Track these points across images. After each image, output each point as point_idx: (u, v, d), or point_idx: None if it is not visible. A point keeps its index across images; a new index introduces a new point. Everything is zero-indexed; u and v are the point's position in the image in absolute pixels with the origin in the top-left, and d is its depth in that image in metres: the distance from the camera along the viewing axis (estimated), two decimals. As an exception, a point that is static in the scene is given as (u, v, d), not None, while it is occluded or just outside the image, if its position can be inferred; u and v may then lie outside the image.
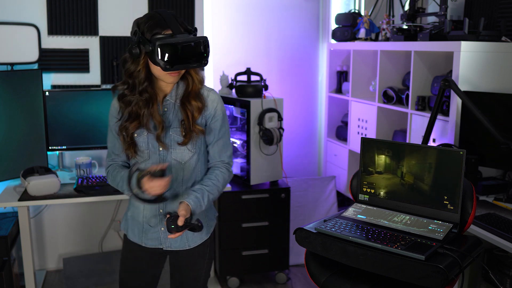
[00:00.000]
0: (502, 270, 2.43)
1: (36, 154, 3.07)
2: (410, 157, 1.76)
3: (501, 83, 2.57)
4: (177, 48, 1.66)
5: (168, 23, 1.69)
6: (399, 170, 1.79)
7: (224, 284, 3.33)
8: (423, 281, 1.44)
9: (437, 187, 1.71)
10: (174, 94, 1.83)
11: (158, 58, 1.65)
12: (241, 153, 3.36)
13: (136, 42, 1.69)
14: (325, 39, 3.93)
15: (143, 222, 1.91)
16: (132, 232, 1.94)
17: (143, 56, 1.71)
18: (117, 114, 1.84)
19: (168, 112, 1.83)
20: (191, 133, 1.80)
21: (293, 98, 3.95)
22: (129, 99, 1.78)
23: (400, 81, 3.24)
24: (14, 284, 2.90)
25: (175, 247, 1.92)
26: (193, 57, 1.70)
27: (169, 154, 1.84)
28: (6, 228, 2.91)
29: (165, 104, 1.83)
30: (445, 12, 2.83)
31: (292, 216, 3.52)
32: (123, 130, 1.81)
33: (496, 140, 2.29)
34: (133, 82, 1.76)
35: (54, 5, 3.20)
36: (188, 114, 1.80)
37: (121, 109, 1.81)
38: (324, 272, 1.69)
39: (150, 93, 1.77)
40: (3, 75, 2.91)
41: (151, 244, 1.93)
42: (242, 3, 3.74)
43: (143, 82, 1.75)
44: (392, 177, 1.81)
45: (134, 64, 1.74)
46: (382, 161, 1.82)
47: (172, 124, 1.83)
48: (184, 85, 1.83)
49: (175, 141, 1.82)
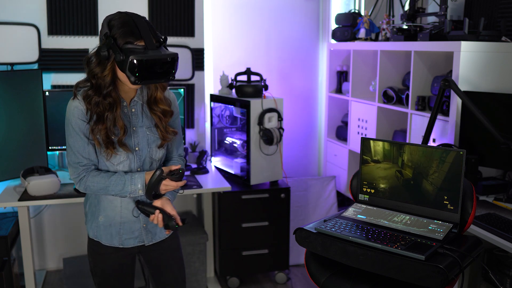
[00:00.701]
0: (502, 270, 2.43)
1: (36, 154, 3.07)
2: (410, 157, 1.76)
3: (501, 83, 2.57)
4: (149, 64, 1.66)
5: (143, 35, 1.67)
6: (399, 170, 1.79)
7: (224, 284, 3.33)
8: (423, 281, 1.44)
9: (437, 187, 1.71)
10: (140, 96, 1.86)
11: (127, 71, 1.65)
12: (241, 153, 3.35)
13: (107, 46, 1.67)
14: (325, 39, 3.93)
15: (121, 222, 1.88)
16: (109, 236, 1.89)
17: (111, 61, 1.69)
18: (84, 116, 1.76)
19: (137, 112, 1.84)
20: (167, 134, 1.86)
21: (293, 98, 3.95)
22: (95, 100, 1.74)
23: (400, 81, 3.24)
24: (14, 284, 2.90)
25: (155, 239, 1.95)
26: (163, 73, 1.71)
27: (145, 152, 1.86)
28: (6, 228, 2.91)
29: (133, 105, 1.84)
30: (445, 12, 2.83)
31: (292, 216, 3.52)
32: (96, 133, 1.76)
33: (496, 140, 2.29)
34: (96, 83, 1.73)
35: (54, 5, 3.20)
36: (159, 116, 1.84)
37: (88, 110, 1.76)
38: (324, 272, 1.69)
39: (114, 97, 1.75)
40: (3, 75, 2.91)
41: (130, 244, 1.91)
42: (242, 3, 3.74)
43: (108, 86, 1.72)
44: (393, 177, 1.81)
45: (100, 66, 1.71)
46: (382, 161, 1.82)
47: (145, 124, 1.85)
48: (148, 91, 1.85)
49: (153, 140, 1.86)
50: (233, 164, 3.37)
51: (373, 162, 1.84)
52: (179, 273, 2.05)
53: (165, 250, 1.99)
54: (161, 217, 1.81)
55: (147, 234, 1.92)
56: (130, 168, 1.84)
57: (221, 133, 3.57)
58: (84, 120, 1.76)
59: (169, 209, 1.84)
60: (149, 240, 1.93)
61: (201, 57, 3.55)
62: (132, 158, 1.83)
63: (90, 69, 1.73)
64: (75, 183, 1.83)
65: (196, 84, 3.56)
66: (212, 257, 3.37)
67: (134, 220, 1.89)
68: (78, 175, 1.80)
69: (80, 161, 1.79)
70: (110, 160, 1.80)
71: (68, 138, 1.79)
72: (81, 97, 1.76)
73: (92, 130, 1.76)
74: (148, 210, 1.83)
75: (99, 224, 1.89)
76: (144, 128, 1.85)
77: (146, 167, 1.87)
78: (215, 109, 3.51)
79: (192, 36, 3.49)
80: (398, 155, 1.78)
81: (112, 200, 1.86)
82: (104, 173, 1.81)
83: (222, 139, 3.57)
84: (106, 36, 1.68)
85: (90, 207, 1.91)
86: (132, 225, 1.89)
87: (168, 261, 2.01)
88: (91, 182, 1.80)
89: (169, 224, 1.82)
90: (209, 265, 3.35)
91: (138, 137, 1.84)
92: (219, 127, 3.56)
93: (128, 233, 1.90)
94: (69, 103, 1.78)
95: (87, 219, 1.93)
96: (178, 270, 2.04)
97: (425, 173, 1.73)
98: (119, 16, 1.71)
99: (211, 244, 3.34)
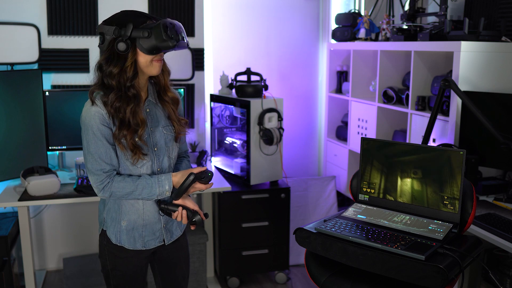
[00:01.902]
0: (502, 270, 2.43)
1: (36, 154, 3.07)
2: (410, 157, 1.76)
3: (501, 83, 2.57)
4: (174, 25, 1.73)
5: (149, 15, 1.75)
6: (399, 170, 1.79)
7: (224, 284, 3.33)
8: (423, 281, 1.44)
9: (437, 187, 1.71)
10: (152, 93, 1.88)
11: (164, 36, 1.68)
12: (241, 153, 3.35)
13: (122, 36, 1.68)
14: (325, 39, 3.93)
15: (143, 225, 1.89)
16: (132, 240, 1.88)
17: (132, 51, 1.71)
18: (106, 121, 1.73)
19: (151, 112, 1.85)
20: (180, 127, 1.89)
21: (293, 98, 3.95)
22: (116, 105, 1.72)
23: (400, 81, 3.24)
24: (14, 284, 2.90)
25: (173, 238, 1.98)
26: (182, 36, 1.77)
27: (163, 151, 1.87)
28: (6, 228, 2.91)
29: (147, 105, 1.85)
30: (445, 12, 2.83)
31: (292, 216, 3.52)
32: (121, 138, 1.74)
33: (496, 140, 2.29)
34: (118, 81, 1.72)
35: (54, 5, 3.20)
36: (171, 109, 1.88)
37: (110, 115, 1.73)
38: (324, 272, 1.69)
39: (136, 89, 1.77)
40: (3, 75, 2.91)
41: (152, 245, 1.93)
42: (242, 3, 3.74)
43: (131, 78, 1.73)
44: (392, 177, 1.81)
45: (118, 65, 1.71)
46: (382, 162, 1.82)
47: (160, 123, 1.86)
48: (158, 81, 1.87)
49: (170, 138, 1.88)
50: (233, 164, 3.37)
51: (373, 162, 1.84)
52: (186, 270, 2.08)
53: (178, 248, 2.02)
54: (185, 214, 1.83)
55: (166, 233, 1.94)
56: (152, 169, 1.84)
57: (221, 133, 3.57)
58: (105, 125, 1.73)
59: (191, 205, 1.85)
60: (169, 239, 1.96)
61: (201, 57, 3.55)
62: (153, 158, 1.85)
63: (106, 72, 1.72)
64: (98, 191, 1.77)
65: (196, 84, 3.56)
66: (212, 257, 3.37)
67: (156, 221, 1.90)
68: (102, 182, 1.75)
69: (103, 168, 1.75)
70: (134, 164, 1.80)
71: (88, 145, 1.74)
72: (100, 102, 1.73)
73: (115, 135, 1.74)
74: (171, 208, 1.84)
75: (122, 229, 1.86)
76: (160, 128, 1.86)
77: (165, 166, 1.88)
78: (215, 109, 3.51)
79: (192, 36, 3.49)
80: (398, 155, 1.78)
81: (133, 203, 1.85)
82: (129, 178, 1.78)
83: (222, 139, 3.57)
84: (116, 30, 1.69)
85: (109, 212, 1.87)
86: (154, 226, 1.91)
87: (179, 258, 2.04)
88: (117, 188, 1.76)
89: (195, 220, 1.85)
90: (209, 265, 3.35)
91: (156, 138, 1.85)
92: (219, 127, 3.56)
93: (150, 234, 1.90)
94: (87, 109, 1.74)
95: (107, 225, 1.88)
96: (186, 267, 2.08)
97: (425, 173, 1.73)
98: (113, 16, 1.75)
99: (211, 244, 3.34)
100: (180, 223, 1.98)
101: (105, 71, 1.72)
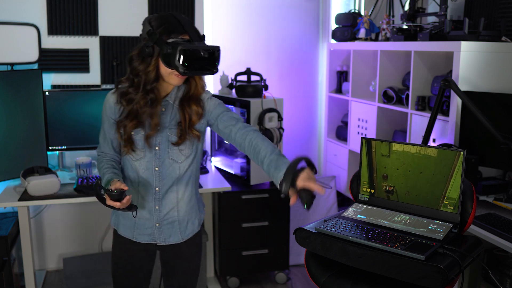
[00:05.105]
0: (502, 270, 2.43)
1: (36, 154, 3.07)
2: (410, 157, 1.76)
3: (501, 83, 2.57)
4: (197, 54, 1.70)
5: (186, 29, 1.72)
6: (399, 170, 1.79)
7: (224, 284, 3.33)
8: (423, 281, 1.44)
9: (437, 187, 1.71)
10: (174, 95, 1.87)
11: (177, 62, 1.67)
12: (241, 153, 3.36)
13: (152, 42, 1.70)
14: (325, 39, 3.93)
15: (137, 217, 1.91)
16: (124, 227, 1.95)
17: (155, 58, 1.73)
18: (112, 110, 1.85)
19: (166, 112, 1.86)
20: (186, 135, 1.85)
21: (293, 98, 3.95)
22: (131, 97, 1.79)
23: (400, 81, 3.24)
24: (14, 284, 2.90)
25: (169, 241, 1.95)
26: (207, 64, 1.74)
27: (165, 153, 1.86)
28: (6, 228, 2.91)
29: (164, 104, 1.85)
30: (445, 12, 2.83)
31: (292, 216, 3.52)
32: (121, 127, 1.83)
33: (496, 140, 2.29)
34: (138, 81, 1.77)
35: (54, 5, 3.20)
36: (186, 116, 1.84)
37: (121, 106, 1.82)
38: (324, 272, 1.69)
39: (156, 94, 1.79)
40: (3, 75, 2.91)
41: (143, 240, 1.94)
42: (242, 3, 3.74)
43: (152, 81, 1.76)
44: (392, 177, 1.81)
45: (143, 64, 1.75)
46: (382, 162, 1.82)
47: (169, 125, 1.86)
48: (186, 89, 1.86)
49: (170, 141, 1.86)
50: (233, 164, 3.37)
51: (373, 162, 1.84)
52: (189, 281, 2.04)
53: (177, 255, 1.99)
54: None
55: (159, 234, 1.93)
56: (146, 166, 1.86)
57: (221, 133, 3.56)
58: (111, 116, 1.86)
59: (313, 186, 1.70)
60: (162, 241, 1.94)
61: (201, 57, 3.54)
62: (151, 157, 1.85)
63: (133, 67, 1.77)
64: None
65: (196, 84, 3.56)
66: (212, 257, 3.37)
67: (147, 218, 1.91)
68: (97, 154, 1.97)
69: (100, 145, 1.95)
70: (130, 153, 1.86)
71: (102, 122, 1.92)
72: (119, 92, 1.83)
73: (118, 123, 1.83)
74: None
75: (118, 213, 1.96)
76: (167, 130, 1.86)
77: (166, 169, 1.87)
78: (215, 109, 3.51)
79: (192, 36, 3.49)
80: (398, 155, 1.78)
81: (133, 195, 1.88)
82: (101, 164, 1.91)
83: (222, 139, 3.57)
84: (150, 33, 1.71)
85: None
86: (145, 223, 1.92)
87: (182, 266, 2.01)
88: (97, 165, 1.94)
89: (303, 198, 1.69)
90: (209, 265, 3.35)
91: (161, 137, 1.85)
92: (219, 127, 3.55)
93: (141, 229, 1.93)
94: (108, 94, 1.89)
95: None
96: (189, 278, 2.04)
97: (425, 173, 1.73)
98: (159, 14, 1.76)
99: (211, 244, 3.34)
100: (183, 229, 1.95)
101: (132, 65, 1.78)
